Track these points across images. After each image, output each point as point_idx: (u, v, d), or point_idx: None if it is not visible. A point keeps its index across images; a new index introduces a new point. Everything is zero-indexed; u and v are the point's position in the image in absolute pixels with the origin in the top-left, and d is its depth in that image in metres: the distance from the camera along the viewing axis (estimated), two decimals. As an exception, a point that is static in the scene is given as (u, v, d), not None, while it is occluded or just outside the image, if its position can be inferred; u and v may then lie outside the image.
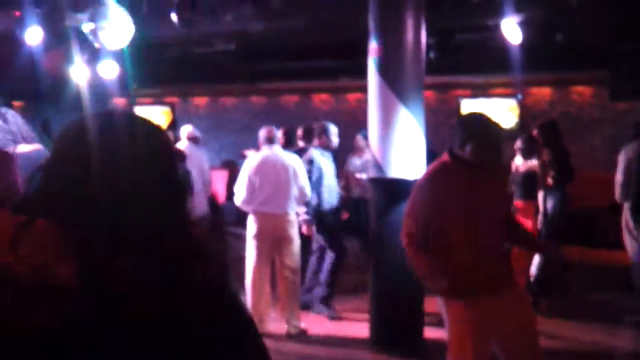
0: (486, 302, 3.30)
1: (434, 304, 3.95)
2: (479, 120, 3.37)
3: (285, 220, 5.76)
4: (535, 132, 6.73)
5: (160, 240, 1.13)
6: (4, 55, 7.91)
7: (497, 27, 6.26)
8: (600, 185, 7.84)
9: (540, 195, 6.52)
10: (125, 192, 1.13)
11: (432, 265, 3.34)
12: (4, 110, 3.95)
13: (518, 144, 6.61)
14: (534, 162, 6.48)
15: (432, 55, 7.43)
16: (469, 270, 3.27)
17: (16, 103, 12.41)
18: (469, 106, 11.65)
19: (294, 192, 5.78)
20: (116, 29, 5.32)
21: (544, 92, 11.38)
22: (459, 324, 3.37)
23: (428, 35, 5.71)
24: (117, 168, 1.14)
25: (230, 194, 7.55)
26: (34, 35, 6.50)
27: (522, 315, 3.43)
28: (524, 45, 6.47)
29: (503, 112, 11.24)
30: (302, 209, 6.12)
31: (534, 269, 6.67)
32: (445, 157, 3.38)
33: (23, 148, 2.69)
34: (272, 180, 5.71)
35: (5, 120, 3.99)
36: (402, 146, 5.30)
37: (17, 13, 6.43)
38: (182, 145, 7.74)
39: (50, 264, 1.04)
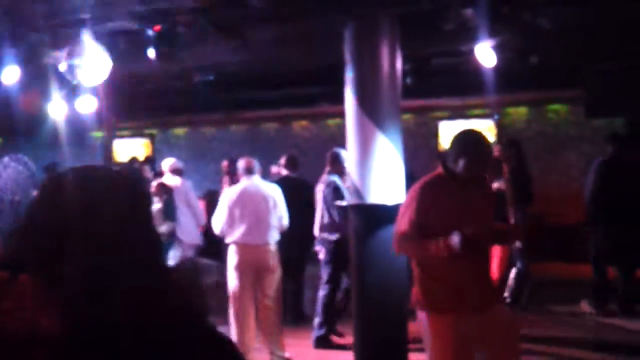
0: (470, 317, 3.37)
1: (417, 327, 3.98)
2: (471, 137, 3.58)
3: (267, 250, 5.76)
4: (497, 151, 6.87)
5: (136, 289, 1.16)
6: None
7: (471, 52, 6.37)
8: (576, 202, 7.98)
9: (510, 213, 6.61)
10: (101, 245, 1.16)
11: (426, 240, 3.45)
12: (20, 156, 3.99)
13: None
14: (501, 183, 6.56)
15: (408, 80, 7.53)
16: (458, 281, 3.42)
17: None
18: (447, 128, 11.79)
19: (274, 222, 5.80)
20: (93, 65, 5.33)
21: (520, 112, 11.55)
22: (441, 339, 3.43)
23: (404, 62, 5.79)
24: (92, 224, 1.17)
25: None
26: (10, 74, 6.50)
27: (507, 332, 3.49)
28: (498, 68, 6.59)
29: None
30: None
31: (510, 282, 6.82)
32: (439, 169, 3.61)
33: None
34: (252, 210, 5.72)
35: (25, 165, 4.01)
36: (380, 172, 5.34)
37: (-6, 53, 6.43)
38: (166, 178, 7.72)
39: (34, 317, 1.07)
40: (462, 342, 3.40)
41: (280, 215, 5.84)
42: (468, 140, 3.56)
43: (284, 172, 7.42)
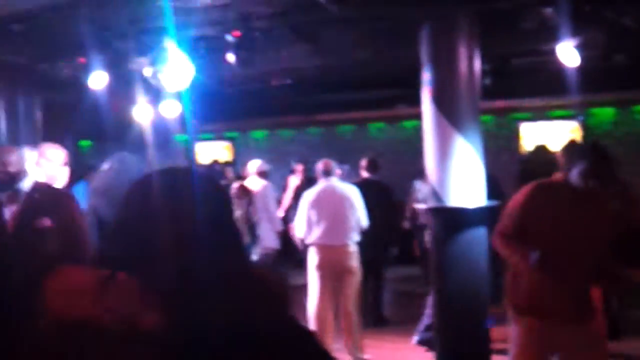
0: (556, 327, 3.28)
1: (499, 333, 3.90)
2: (587, 148, 3.48)
3: (345, 251, 5.78)
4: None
5: (228, 285, 1.19)
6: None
7: (553, 51, 6.17)
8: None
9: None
10: (191, 243, 1.20)
11: (519, 248, 3.38)
12: (127, 154, 4.21)
13: None
14: None
15: (487, 81, 7.37)
16: (546, 289, 3.31)
17: (83, 143, 12.97)
18: (528, 130, 11.46)
19: (353, 223, 5.80)
20: (177, 71, 5.51)
21: (606, 113, 11.09)
22: (521, 341, 3.41)
23: (483, 62, 5.68)
24: (182, 223, 1.21)
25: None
26: (98, 80, 6.80)
27: (592, 350, 3.36)
28: (582, 67, 6.35)
29: (565, 134, 11.00)
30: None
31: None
32: (557, 175, 3.46)
33: None
34: (330, 212, 5.76)
35: (132, 162, 4.23)
36: (459, 174, 5.26)
37: (83, 60, 6.75)
38: (250, 180, 7.83)
39: (136, 314, 1.12)
40: (541, 348, 3.34)
41: (358, 216, 5.84)
42: (582, 151, 3.44)
43: (365, 174, 7.42)
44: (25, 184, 3.66)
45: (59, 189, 3.91)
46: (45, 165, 4.25)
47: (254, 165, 7.99)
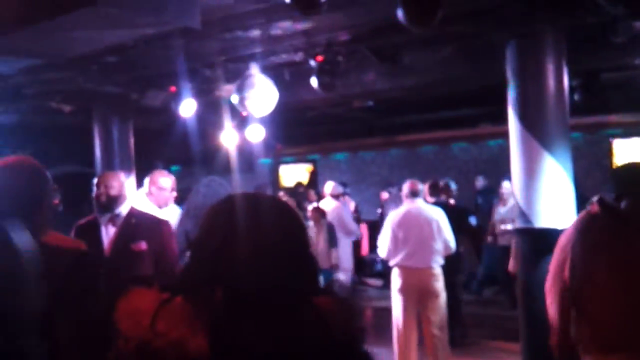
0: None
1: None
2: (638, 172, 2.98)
3: (430, 274, 5.69)
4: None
5: (290, 313, 1.21)
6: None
7: (645, 65, 5.94)
8: None
9: None
10: (260, 271, 1.22)
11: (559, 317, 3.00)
12: (216, 177, 4.37)
13: None
14: None
15: (577, 96, 7.16)
16: (609, 328, 2.87)
17: (172, 168, 13.46)
18: (621, 146, 11.00)
19: (438, 246, 5.70)
20: (262, 96, 5.66)
21: None
22: None
23: (571, 77, 5.53)
24: (254, 248, 1.24)
25: (372, 246, 7.64)
26: (188, 107, 7.06)
27: None
28: (678, 80, 6.07)
29: (659, 150, 10.48)
30: None
31: None
32: (594, 207, 2.92)
33: None
34: (416, 234, 5.68)
35: (220, 186, 4.40)
36: (548, 194, 5.11)
37: (173, 88, 7.04)
38: (325, 201, 7.96)
39: (184, 339, 1.15)
40: None
41: (445, 238, 5.74)
42: (634, 175, 2.90)
43: (428, 199, 7.18)
44: (123, 209, 3.83)
45: (154, 215, 4.05)
46: (155, 192, 4.50)
47: (328, 187, 8.14)
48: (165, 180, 4.60)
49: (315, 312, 1.25)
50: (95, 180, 3.92)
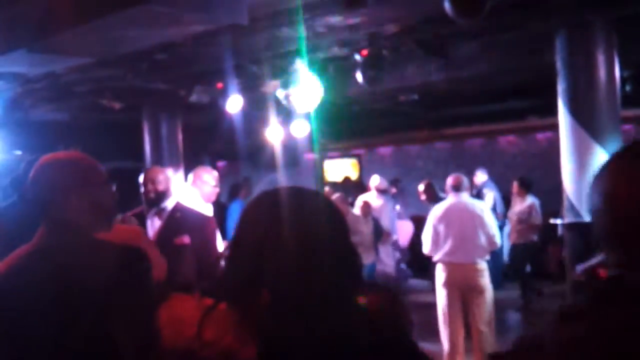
0: None
1: None
2: None
3: (473, 269, 5.60)
4: None
5: (338, 314, 1.15)
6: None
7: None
8: None
9: None
10: (305, 270, 1.15)
11: None
12: (274, 176, 4.36)
13: None
14: None
15: (628, 88, 6.98)
16: None
17: (220, 163, 13.64)
18: (675, 138, 10.66)
19: (482, 241, 5.62)
20: (307, 92, 5.69)
21: None
22: None
23: (622, 68, 5.40)
24: (289, 249, 1.16)
25: (415, 243, 7.63)
26: (234, 103, 7.15)
27: None
28: None
29: None
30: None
31: None
32: None
33: None
34: (458, 229, 5.61)
35: (272, 186, 4.41)
36: (600, 188, 5.01)
37: (220, 85, 7.13)
38: (370, 195, 7.96)
39: (233, 348, 1.12)
40: None
41: (490, 233, 5.65)
42: None
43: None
44: (169, 204, 3.91)
45: (199, 211, 4.11)
46: (200, 186, 4.60)
47: (374, 181, 8.14)
48: (209, 175, 4.67)
49: (363, 312, 1.20)
50: (141, 177, 4.00)
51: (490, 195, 9.02)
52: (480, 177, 9.53)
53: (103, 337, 1.78)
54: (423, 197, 7.56)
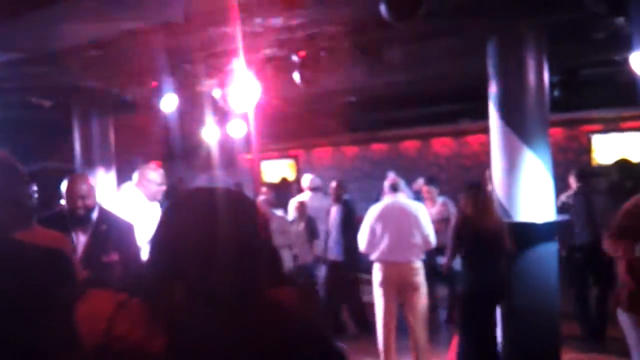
0: None
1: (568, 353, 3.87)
2: None
3: (409, 268, 5.71)
4: None
5: (249, 308, 1.20)
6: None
7: (625, 61, 5.99)
8: None
9: None
10: (217, 266, 1.20)
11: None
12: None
13: None
14: None
15: (557, 92, 7.23)
16: None
17: (153, 163, 13.38)
18: (600, 142, 11.13)
19: (417, 240, 5.72)
20: (244, 92, 5.64)
21: (682, 123, 10.65)
22: None
23: (552, 73, 5.59)
24: (210, 243, 1.21)
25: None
26: (169, 102, 7.01)
27: None
28: (656, 77, 6.14)
29: (638, 146, 10.62)
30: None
31: None
32: None
33: None
34: (394, 228, 5.71)
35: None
36: (528, 189, 5.16)
37: (154, 83, 6.99)
38: (305, 195, 7.99)
39: (143, 342, 1.14)
40: None
41: (425, 233, 5.75)
42: None
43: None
44: (94, 213, 3.65)
45: (124, 219, 3.85)
46: (146, 186, 4.52)
47: (305, 180, 8.18)
48: (155, 174, 4.65)
49: (274, 305, 1.24)
50: (64, 187, 3.65)
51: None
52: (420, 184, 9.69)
53: (23, 337, 1.72)
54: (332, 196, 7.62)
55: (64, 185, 3.66)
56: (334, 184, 7.67)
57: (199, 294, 1.18)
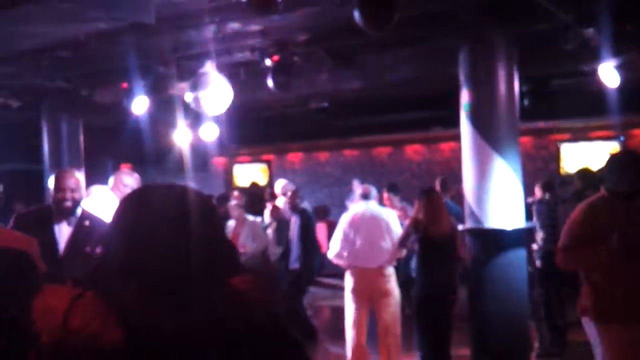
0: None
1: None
2: (627, 156, 3.83)
3: (381, 274, 5.73)
4: None
5: (205, 299, 1.22)
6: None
7: (594, 72, 6.11)
8: None
9: None
10: (171, 259, 1.23)
11: (586, 249, 3.51)
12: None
13: None
14: None
15: (526, 102, 7.33)
16: (623, 295, 3.39)
17: (124, 165, 13.23)
18: (569, 151, 11.31)
19: (388, 246, 5.74)
20: (216, 95, 5.61)
21: (647, 134, 10.88)
22: (612, 350, 3.42)
23: (522, 83, 5.66)
24: (162, 237, 1.24)
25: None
26: (140, 105, 6.94)
27: None
28: (623, 88, 6.27)
29: (605, 155, 10.80)
30: None
31: None
32: (602, 191, 3.62)
33: None
34: (365, 235, 5.72)
35: None
36: (498, 196, 5.22)
37: (125, 85, 6.91)
38: (279, 200, 7.98)
39: (98, 334, 1.15)
40: (634, 352, 3.40)
41: (395, 239, 5.78)
42: (623, 159, 3.67)
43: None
44: (79, 209, 3.76)
45: (103, 220, 3.90)
46: (123, 190, 4.49)
47: (279, 185, 8.19)
48: (130, 179, 4.66)
49: (231, 295, 1.27)
50: (52, 182, 3.80)
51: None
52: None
53: None
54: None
55: (51, 180, 3.82)
56: (289, 193, 7.68)
57: (153, 286, 1.20)
